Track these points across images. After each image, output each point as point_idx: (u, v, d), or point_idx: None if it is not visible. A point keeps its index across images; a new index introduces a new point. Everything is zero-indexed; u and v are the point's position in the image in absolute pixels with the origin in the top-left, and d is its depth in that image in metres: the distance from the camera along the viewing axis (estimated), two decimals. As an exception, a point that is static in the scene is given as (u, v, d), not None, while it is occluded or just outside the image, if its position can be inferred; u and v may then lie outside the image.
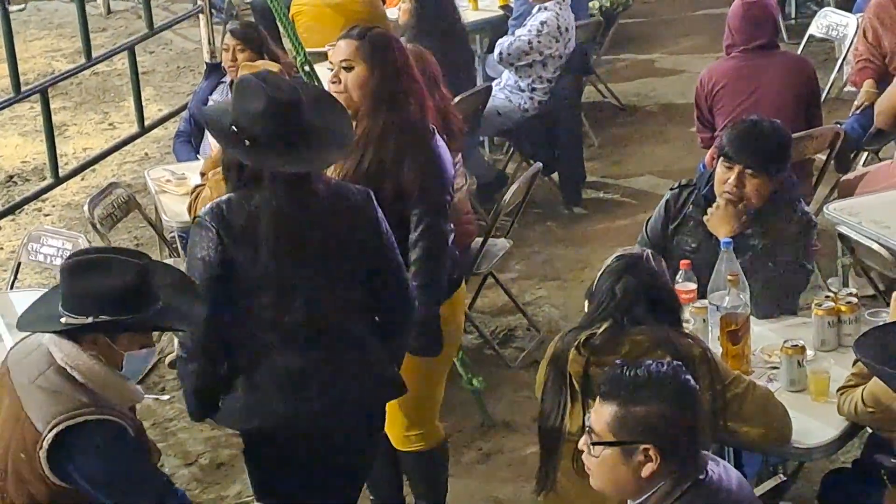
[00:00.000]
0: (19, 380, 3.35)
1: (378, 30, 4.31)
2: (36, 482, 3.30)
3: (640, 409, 2.96)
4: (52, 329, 3.32)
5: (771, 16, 6.09)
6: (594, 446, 2.99)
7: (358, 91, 4.16)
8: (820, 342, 4.17)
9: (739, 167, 4.40)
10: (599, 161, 7.96)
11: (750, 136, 4.45)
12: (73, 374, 3.30)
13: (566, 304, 6.33)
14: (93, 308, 3.29)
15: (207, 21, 8.08)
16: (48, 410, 3.26)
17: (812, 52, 7.96)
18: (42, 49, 10.94)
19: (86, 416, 3.26)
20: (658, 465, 2.94)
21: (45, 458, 3.25)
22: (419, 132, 4.19)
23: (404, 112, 4.17)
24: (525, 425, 5.31)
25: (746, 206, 4.41)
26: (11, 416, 3.32)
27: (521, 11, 7.78)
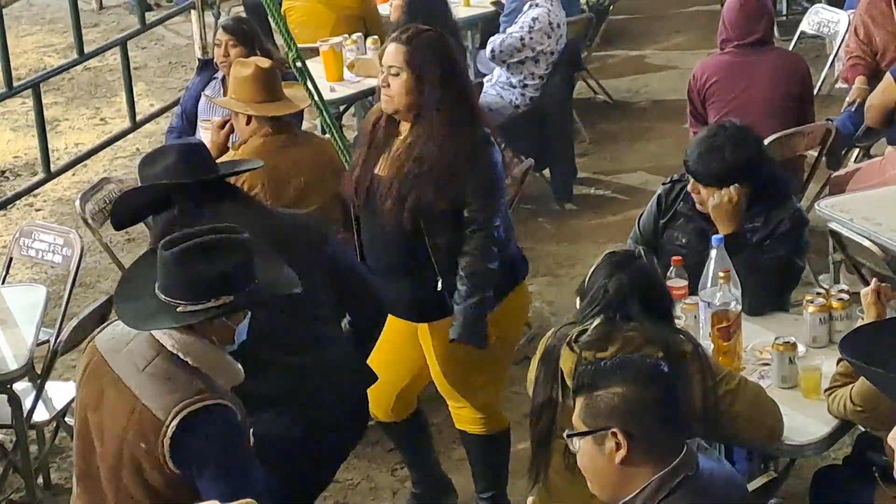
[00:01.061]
0: (125, 370, 3.28)
1: (427, 33, 4.33)
2: (154, 471, 3.24)
3: (601, 392, 2.96)
4: (179, 323, 3.21)
5: (767, 11, 6.10)
6: (571, 439, 3.00)
7: (404, 98, 4.22)
8: (811, 339, 4.19)
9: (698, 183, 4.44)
10: (591, 157, 7.96)
11: (706, 154, 4.46)
12: (185, 359, 3.24)
13: (557, 299, 6.34)
14: (214, 291, 3.21)
15: (199, 17, 8.07)
16: (167, 398, 3.20)
17: (803, 48, 7.97)
18: (34, 44, 10.91)
19: (205, 401, 3.20)
20: (627, 449, 2.92)
21: (169, 445, 3.19)
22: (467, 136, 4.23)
23: (452, 117, 4.22)
24: (516, 421, 5.29)
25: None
26: (124, 408, 3.25)
27: (512, 8, 7.78)
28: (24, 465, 4.72)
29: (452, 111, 4.22)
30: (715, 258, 4.20)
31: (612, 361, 3.06)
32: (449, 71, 4.25)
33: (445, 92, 4.22)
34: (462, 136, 4.23)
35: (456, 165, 4.20)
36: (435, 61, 4.23)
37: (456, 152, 4.20)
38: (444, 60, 4.25)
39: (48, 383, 4.77)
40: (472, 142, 4.24)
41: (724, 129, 4.56)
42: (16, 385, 4.56)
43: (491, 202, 4.26)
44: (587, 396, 2.98)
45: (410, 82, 4.21)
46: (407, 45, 4.23)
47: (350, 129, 8.08)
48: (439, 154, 4.20)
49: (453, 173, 4.19)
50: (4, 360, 4.56)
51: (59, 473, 5.22)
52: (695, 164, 4.47)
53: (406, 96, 4.23)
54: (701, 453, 3.05)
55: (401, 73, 4.22)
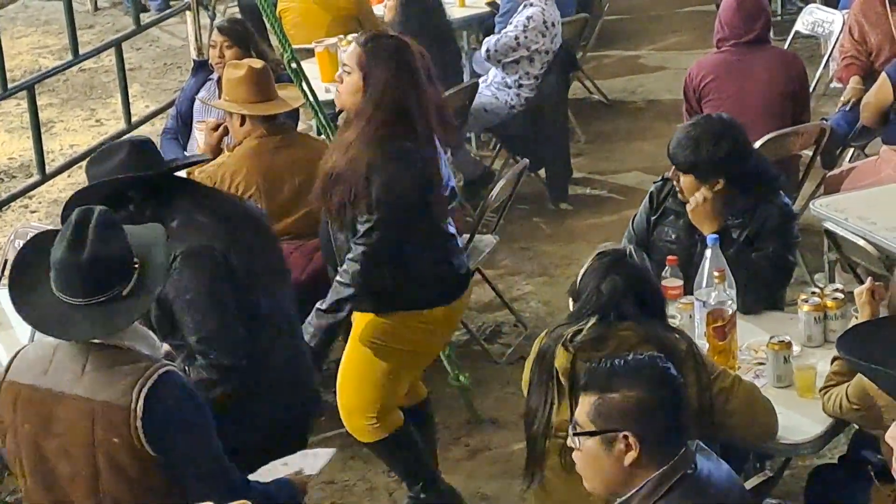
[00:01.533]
0: (64, 383, 3.25)
1: (388, 40, 4.38)
2: (134, 462, 3.23)
3: (615, 395, 2.97)
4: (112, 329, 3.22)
5: (764, 10, 6.10)
6: (576, 437, 3.00)
7: (350, 97, 4.28)
8: (806, 338, 4.20)
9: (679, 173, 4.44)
10: (586, 157, 7.96)
11: (684, 141, 4.48)
12: (116, 344, 3.25)
13: (553, 300, 6.34)
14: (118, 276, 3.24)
15: (195, 18, 8.07)
16: (121, 385, 3.20)
17: (798, 48, 7.98)
18: (29, 46, 10.91)
19: (157, 371, 3.21)
20: (638, 452, 2.95)
21: (142, 427, 3.19)
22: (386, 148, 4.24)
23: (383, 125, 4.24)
24: (512, 421, 5.31)
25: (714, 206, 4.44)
26: (81, 416, 3.23)
27: (507, 8, 7.78)
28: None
29: (385, 120, 4.24)
30: (710, 258, 4.21)
31: (626, 363, 3.04)
32: (396, 80, 4.25)
33: (384, 100, 4.24)
34: (384, 145, 4.23)
35: (364, 172, 4.22)
36: (384, 68, 4.26)
37: (369, 161, 4.21)
38: (394, 69, 4.27)
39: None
40: (390, 153, 4.23)
41: (706, 120, 4.58)
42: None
43: (382, 218, 4.23)
44: (599, 396, 2.98)
45: (358, 83, 4.28)
46: (363, 48, 4.31)
47: (345, 129, 8.08)
48: (355, 158, 4.23)
49: (358, 179, 4.22)
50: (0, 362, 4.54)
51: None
52: (674, 150, 4.51)
53: (351, 96, 4.31)
54: (699, 454, 3.06)
55: (352, 73, 4.30)
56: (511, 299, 6.27)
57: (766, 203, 4.48)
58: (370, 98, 4.24)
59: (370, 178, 4.21)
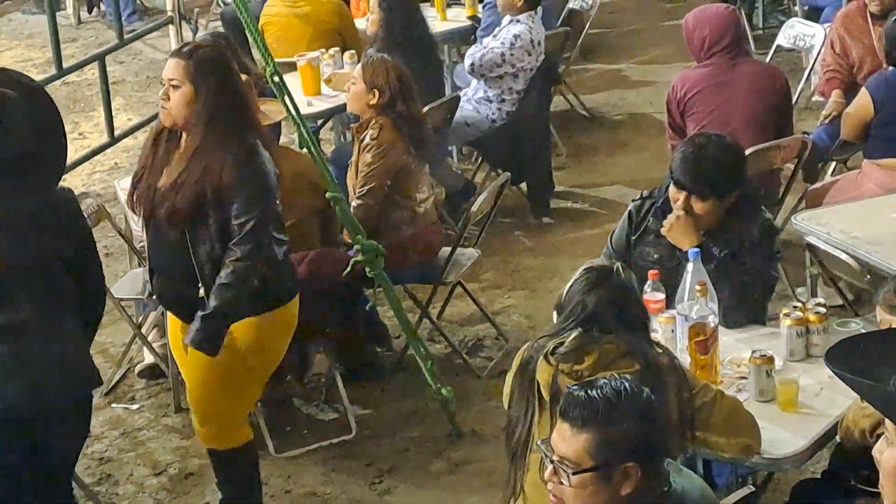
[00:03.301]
0: None
1: (207, 49, 4.52)
2: None
3: (615, 429, 2.94)
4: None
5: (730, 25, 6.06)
6: (574, 476, 2.95)
7: (183, 110, 4.35)
8: (789, 352, 4.20)
9: (685, 192, 4.45)
10: (568, 171, 7.97)
11: (695, 163, 4.49)
12: None
13: (535, 313, 6.34)
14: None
15: (177, 31, 8.07)
16: None
17: (779, 62, 8.00)
18: (12, 59, 10.88)
19: None
20: (639, 480, 2.94)
21: None
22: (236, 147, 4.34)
23: (225, 128, 4.34)
24: (494, 435, 5.30)
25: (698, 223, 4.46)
26: None
27: (489, 22, 7.80)
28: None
29: (225, 123, 4.35)
30: (692, 271, 4.21)
31: (611, 392, 2.99)
32: (225, 84, 4.40)
33: (220, 105, 4.36)
34: (232, 146, 4.33)
35: (222, 176, 4.30)
36: (213, 75, 4.37)
37: (223, 162, 4.31)
38: (221, 74, 4.41)
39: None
40: (241, 152, 4.35)
41: (711, 140, 4.58)
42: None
43: (258, 213, 4.33)
44: (598, 433, 2.94)
45: (189, 95, 4.34)
46: (187, 60, 4.38)
47: (327, 143, 8.08)
48: (208, 165, 4.31)
49: (219, 183, 4.30)
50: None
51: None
52: (684, 174, 4.48)
53: (184, 108, 4.36)
54: (671, 469, 3.06)
55: (181, 86, 4.36)
56: (493, 313, 6.27)
57: (747, 218, 4.49)
58: (205, 107, 4.32)
59: (237, 178, 4.29)
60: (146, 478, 5.27)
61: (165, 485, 5.22)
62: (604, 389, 2.98)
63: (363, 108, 5.80)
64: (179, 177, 4.34)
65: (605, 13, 9.89)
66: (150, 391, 5.86)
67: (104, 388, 5.84)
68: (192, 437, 5.42)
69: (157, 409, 5.73)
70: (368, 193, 5.65)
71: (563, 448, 2.97)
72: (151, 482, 5.24)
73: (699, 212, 4.46)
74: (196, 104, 4.34)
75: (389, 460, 5.28)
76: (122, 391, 5.87)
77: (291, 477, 5.21)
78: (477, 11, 8.39)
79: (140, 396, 5.83)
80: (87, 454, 5.40)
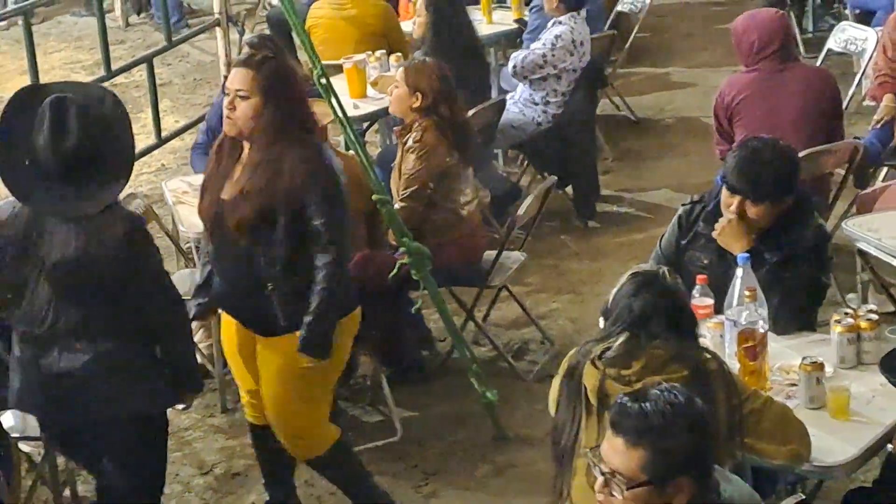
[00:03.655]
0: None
1: (273, 59, 4.49)
2: None
3: (671, 444, 2.93)
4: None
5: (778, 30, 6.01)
6: (628, 490, 2.93)
7: (250, 121, 4.34)
8: (839, 359, 4.15)
9: (740, 196, 4.41)
10: (614, 175, 7.94)
11: (749, 167, 4.45)
12: None
13: (580, 317, 6.31)
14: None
15: (224, 34, 8.09)
16: None
17: (829, 65, 7.92)
18: (61, 61, 10.97)
19: None
20: (691, 492, 2.92)
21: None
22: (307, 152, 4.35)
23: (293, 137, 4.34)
24: (539, 439, 5.29)
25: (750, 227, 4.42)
26: None
27: (535, 25, 7.78)
28: (51, 478, 4.74)
29: (293, 132, 4.35)
30: (741, 276, 4.17)
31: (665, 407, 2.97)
32: (292, 94, 4.40)
33: (289, 115, 4.35)
34: (300, 152, 4.32)
35: (293, 180, 4.29)
36: (281, 86, 4.36)
37: (293, 168, 4.29)
38: (289, 85, 4.41)
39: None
40: (311, 156, 4.34)
41: (766, 144, 4.54)
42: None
43: (338, 216, 4.36)
44: (654, 448, 2.92)
45: (258, 105, 4.32)
46: (255, 70, 4.35)
47: (373, 145, 8.09)
48: (276, 172, 4.29)
49: (290, 188, 4.28)
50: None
51: (85, 486, 5.21)
52: (738, 179, 4.44)
53: (251, 119, 4.33)
54: (719, 477, 3.04)
55: (249, 97, 4.33)
56: (538, 316, 6.25)
57: (800, 224, 4.45)
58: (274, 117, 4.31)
59: (310, 181, 4.29)
60: (192, 477, 5.28)
61: (212, 484, 5.23)
62: (658, 403, 2.96)
63: (406, 111, 5.80)
64: (246, 186, 4.32)
65: (653, 16, 9.84)
66: (196, 392, 5.88)
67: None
68: (238, 437, 5.44)
69: (203, 409, 5.74)
70: (412, 196, 5.64)
71: (615, 461, 2.95)
72: (198, 482, 5.25)
73: (752, 216, 4.42)
74: (264, 115, 4.32)
75: (434, 463, 5.27)
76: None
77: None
78: (523, 14, 8.38)
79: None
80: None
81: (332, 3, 7.74)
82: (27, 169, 3.94)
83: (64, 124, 3.91)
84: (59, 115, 3.91)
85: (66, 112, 3.92)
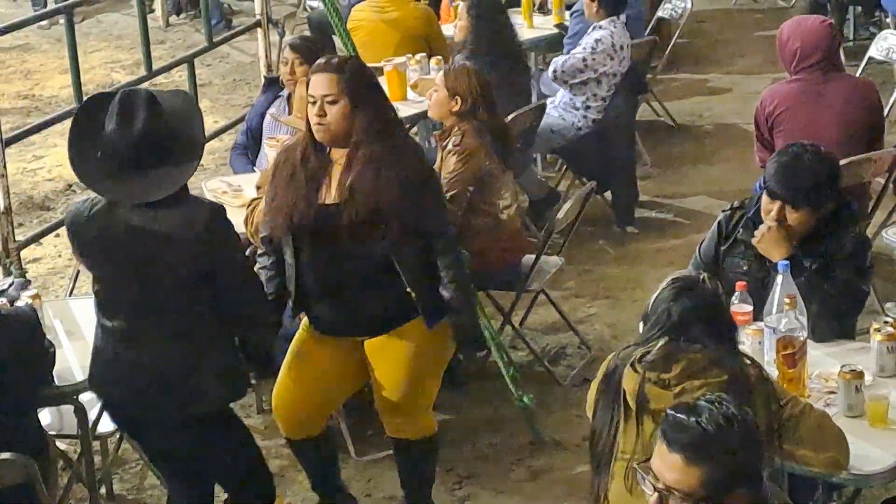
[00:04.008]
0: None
1: (353, 60, 4.52)
2: None
3: (730, 459, 2.93)
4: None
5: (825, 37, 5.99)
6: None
7: (342, 125, 4.33)
8: (879, 368, 4.14)
9: (780, 202, 4.40)
10: (653, 180, 7.94)
11: (790, 172, 4.43)
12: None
13: (618, 322, 6.31)
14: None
15: (265, 35, 8.13)
16: None
17: (870, 74, 7.91)
18: (101, 60, 11.05)
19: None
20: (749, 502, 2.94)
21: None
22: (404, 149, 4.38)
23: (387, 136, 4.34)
24: (575, 444, 5.30)
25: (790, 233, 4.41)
26: None
27: (576, 30, 7.78)
28: (88, 476, 4.75)
29: (390, 130, 4.37)
30: (781, 284, 4.17)
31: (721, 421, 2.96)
32: (379, 92, 4.44)
33: (383, 113, 4.37)
34: (400, 150, 4.35)
35: (406, 180, 4.31)
36: (367, 86, 4.37)
37: (401, 167, 4.31)
38: (373, 84, 4.42)
39: (112, 395, 4.80)
40: (411, 153, 4.39)
41: (807, 150, 4.53)
42: (82, 396, 4.60)
43: (444, 205, 4.50)
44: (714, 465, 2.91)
45: (348, 109, 4.31)
46: (339, 73, 4.33)
47: (413, 148, 8.10)
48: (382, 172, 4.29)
49: (404, 188, 4.30)
50: (72, 370, 4.60)
51: (121, 484, 5.26)
52: (779, 184, 4.43)
53: (344, 122, 4.32)
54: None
55: (338, 101, 4.32)
56: (575, 321, 6.25)
57: (840, 232, 4.44)
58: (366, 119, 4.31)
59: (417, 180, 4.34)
60: (228, 477, 5.30)
61: (247, 484, 5.25)
62: (713, 419, 2.95)
63: (445, 114, 5.81)
64: (355, 187, 4.29)
65: (693, 23, 9.83)
66: (233, 391, 5.90)
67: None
68: (274, 437, 5.45)
69: (239, 409, 5.73)
70: (451, 199, 5.64)
71: (671, 478, 2.94)
72: (234, 481, 5.27)
73: (792, 222, 4.41)
74: (358, 117, 4.31)
75: (469, 466, 5.28)
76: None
77: (372, 480, 5.23)
78: (564, 19, 8.38)
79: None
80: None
81: (373, 6, 7.76)
82: (98, 160, 4.00)
83: (131, 112, 3.96)
84: (127, 105, 3.97)
85: (134, 101, 3.98)
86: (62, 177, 8.49)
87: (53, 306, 5.13)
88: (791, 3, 11.20)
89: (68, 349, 4.74)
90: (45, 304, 4.98)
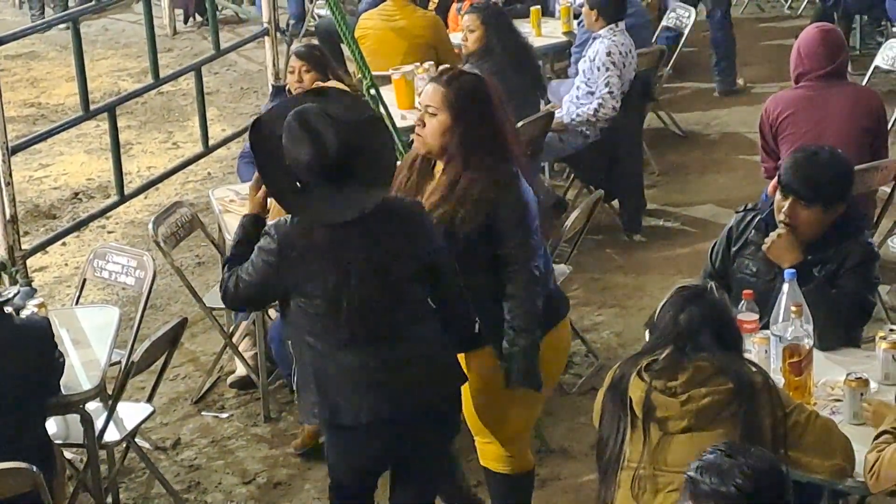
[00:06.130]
0: None
1: (467, 77, 4.37)
2: None
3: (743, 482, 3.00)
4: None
5: (844, 45, 6.03)
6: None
7: (438, 138, 4.24)
8: (884, 376, 4.14)
9: (793, 197, 4.40)
10: (660, 189, 7.94)
11: (805, 167, 4.44)
12: None
13: (624, 331, 6.31)
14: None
15: (273, 43, 8.15)
16: None
17: (876, 83, 7.91)
18: (108, 68, 11.08)
19: None
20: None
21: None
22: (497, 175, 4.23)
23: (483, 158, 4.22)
24: (582, 452, 5.30)
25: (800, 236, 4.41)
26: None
27: (583, 39, 7.79)
28: (94, 485, 4.76)
29: (485, 153, 4.22)
30: (787, 292, 4.17)
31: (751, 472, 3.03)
32: (485, 114, 4.26)
33: (480, 135, 4.23)
34: (492, 175, 4.21)
35: (486, 204, 4.19)
36: (473, 104, 4.25)
37: (483, 190, 4.19)
38: (482, 104, 4.27)
39: (119, 404, 4.81)
40: (502, 180, 4.23)
41: (823, 148, 4.55)
42: (88, 405, 4.61)
43: (527, 239, 4.25)
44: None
45: (447, 123, 4.23)
46: (446, 87, 4.25)
47: (419, 156, 8.11)
48: (467, 194, 4.20)
49: (484, 212, 4.19)
50: (78, 380, 4.60)
51: (127, 493, 5.27)
52: (793, 178, 4.43)
53: (440, 137, 4.24)
54: None
55: (438, 114, 4.24)
56: (583, 330, 6.25)
57: (849, 240, 4.44)
58: (463, 137, 4.20)
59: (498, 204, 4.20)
60: (235, 486, 5.31)
61: (254, 494, 5.26)
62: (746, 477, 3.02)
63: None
64: (431, 206, 4.21)
65: (699, 32, 9.84)
66: (240, 400, 5.92)
67: (194, 395, 5.93)
68: (281, 446, 5.47)
69: (246, 418, 5.78)
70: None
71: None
72: (240, 491, 5.28)
73: (803, 221, 4.40)
74: (454, 133, 4.23)
75: (477, 474, 5.27)
76: (212, 399, 5.93)
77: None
78: (572, 27, 8.39)
79: (230, 405, 5.88)
80: (177, 461, 5.47)
81: (381, 14, 7.78)
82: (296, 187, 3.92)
83: (318, 133, 3.86)
84: (308, 126, 3.87)
85: (313, 122, 3.88)
86: (68, 185, 8.52)
87: (59, 315, 5.13)
88: (798, 13, 11.21)
89: (74, 358, 4.74)
90: (50, 312, 4.97)
